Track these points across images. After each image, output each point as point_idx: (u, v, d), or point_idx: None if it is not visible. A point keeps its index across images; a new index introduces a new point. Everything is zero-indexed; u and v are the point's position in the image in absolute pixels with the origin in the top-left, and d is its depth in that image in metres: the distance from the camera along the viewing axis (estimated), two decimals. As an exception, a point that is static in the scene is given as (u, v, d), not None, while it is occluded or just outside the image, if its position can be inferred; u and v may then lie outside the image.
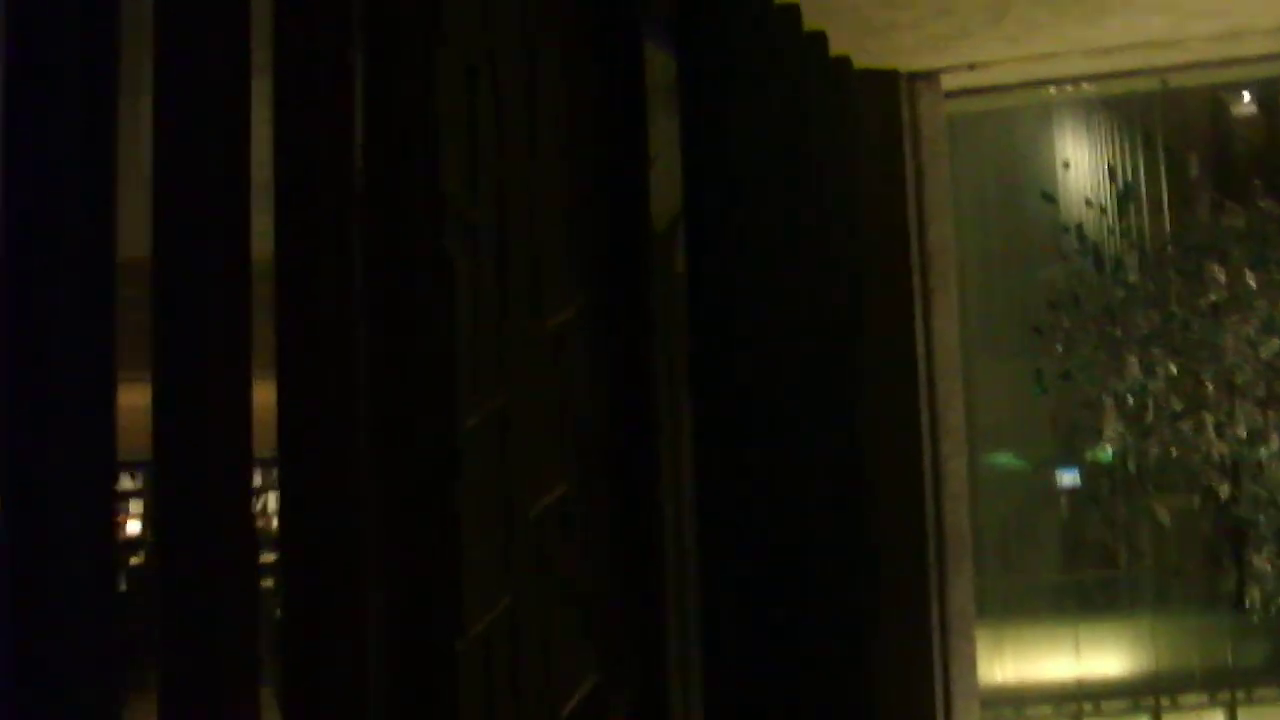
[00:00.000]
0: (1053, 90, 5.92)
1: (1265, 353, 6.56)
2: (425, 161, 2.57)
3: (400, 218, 2.57)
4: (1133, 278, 6.72)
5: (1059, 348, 6.57)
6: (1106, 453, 6.76)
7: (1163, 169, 6.96)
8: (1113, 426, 6.47)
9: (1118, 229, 6.93)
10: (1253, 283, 6.56)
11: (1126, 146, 7.15)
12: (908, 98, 5.11)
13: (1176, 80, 5.81)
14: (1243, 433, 6.50)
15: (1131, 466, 6.57)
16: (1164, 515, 6.75)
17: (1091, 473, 6.98)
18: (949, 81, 5.22)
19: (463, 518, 2.60)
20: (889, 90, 4.97)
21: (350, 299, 2.37)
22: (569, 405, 3.19)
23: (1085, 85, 5.91)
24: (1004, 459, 7.40)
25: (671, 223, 4.16)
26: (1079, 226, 6.88)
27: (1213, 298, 6.64)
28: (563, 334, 3.19)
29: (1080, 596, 7.33)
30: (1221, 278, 6.62)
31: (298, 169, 2.26)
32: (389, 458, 2.47)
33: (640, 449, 3.40)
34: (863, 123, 4.80)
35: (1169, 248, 6.81)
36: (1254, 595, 6.45)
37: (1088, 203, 7.05)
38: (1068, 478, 7.31)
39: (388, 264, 2.53)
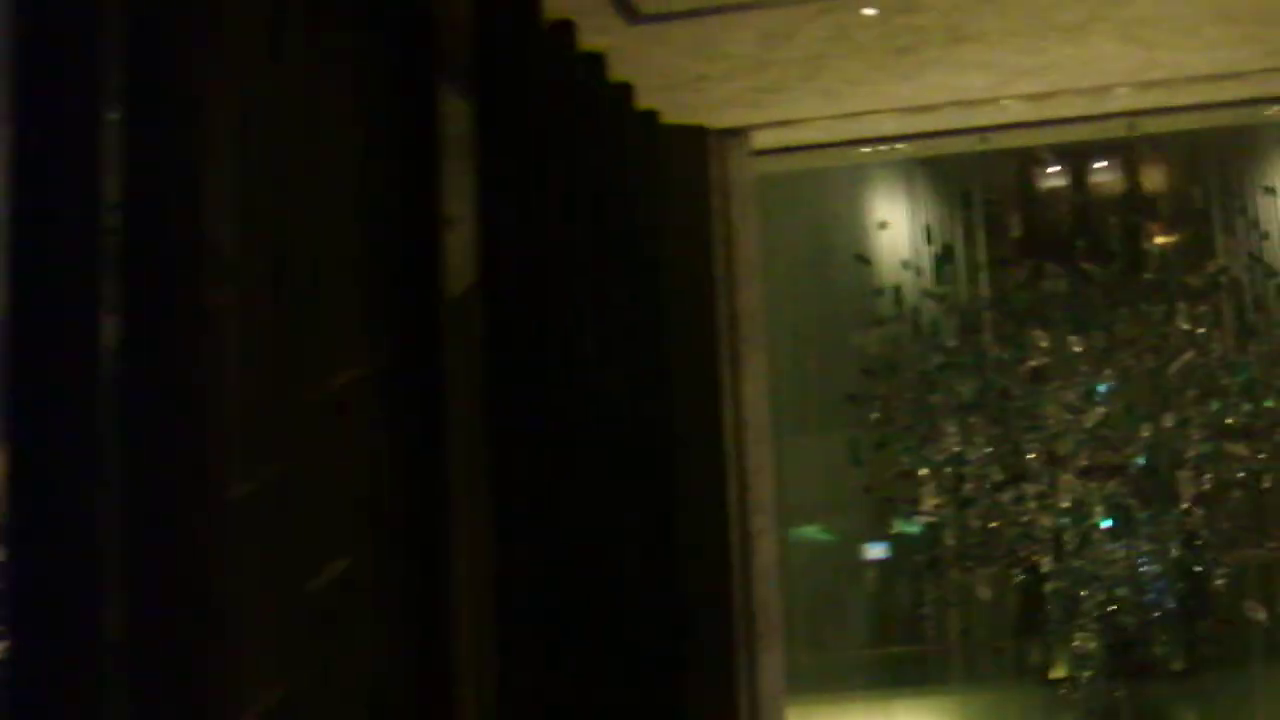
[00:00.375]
0: (868, 150, 6.25)
1: (1088, 421, 7.03)
2: (187, 210, 2.59)
3: (162, 271, 2.57)
4: (951, 343, 7.11)
5: (874, 416, 6.92)
6: (915, 526, 7.09)
7: (982, 231, 7.37)
8: (930, 498, 6.80)
9: (936, 292, 7.29)
10: (1075, 348, 7.07)
11: (945, 207, 7.56)
12: (717, 155, 5.33)
13: (996, 142, 6.21)
14: (1065, 504, 6.92)
15: (949, 539, 6.89)
16: (984, 591, 7.12)
17: (903, 546, 7.28)
18: (761, 139, 5.45)
19: (228, 599, 2.60)
20: (697, 147, 5.20)
21: (94, 360, 2.32)
22: (354, 472, 3.24)
23: (902, 146, 6.29)
24: (816, 532, 7.67)
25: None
26: (895, 289, 7.24)
27: (1033, 363, 7.07)
28: (348, 398, 3.24)
29: (892, 672, 7.63)
30: (1043, 343, 7.08)
31: (36, 227, 2.26)
32: (142, 536, 2.43)
33: (431, 518, 3.47)
34: (670, 180, 5.00)
35: (987, 312, 7.24)
36: (1070, 670, 6.81)
37: (904, 264, 7.42)
38: (880, 551, 7.61)
39: (147, 321, 2.52)
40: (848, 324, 7.31)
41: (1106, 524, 6.97)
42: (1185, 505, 6.87)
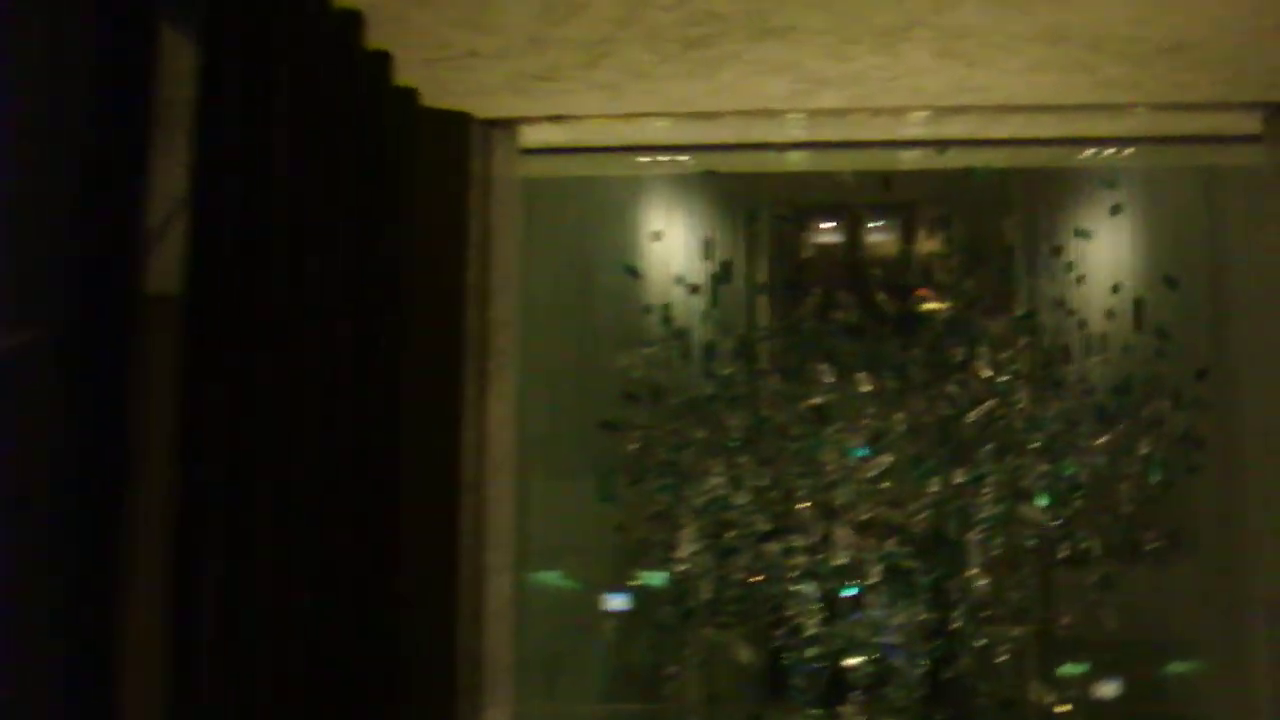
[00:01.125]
0: (647, 160, 6.70)
1: (870, 471, 7.34)
2: None
3: None
4: (724, 371, 7.46)
5: (632, 448, 7.25)
6: (658, 578, 7.43)
7: (767, 252, 7.75)
8: (687, 544, 7.20)
9: (712, 314, 7.66)
10: (865, 387, 7.42)
11: (728, 221, 7.95)
12: (481, 147, 5.71)
13: (794, 164, 6.66)
14: (839, 561, 7.29)
15: (704, 592, 7.26)
16: (745, 653, 7.51)
17: (650, 597, 7.61)
18: (530, 136, 5.85)
19: None
20: (459, 136, 5.57)
21: None
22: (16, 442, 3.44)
23: (685, 158, 6.73)
24: (558, 578, 8.01)
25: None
26: (665, 307, 7.57)
27: (815, 401, 7.43)
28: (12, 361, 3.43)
29: None
30: (827, 378, 7.44)
31: None
32: None
33: (99, 532, 3.67)
34: (424, 173, 5.31)
35: (768, 341, 7.67)
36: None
37: (677, 280, 7.75)
38: (623, 602, 7.98)
39: None
40: (614, 345, 7.60)
41: (853, 589, 7.34)
42: (972, 571, 7.31)
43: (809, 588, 7.32)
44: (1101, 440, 7.52)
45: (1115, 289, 7.67)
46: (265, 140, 4.46)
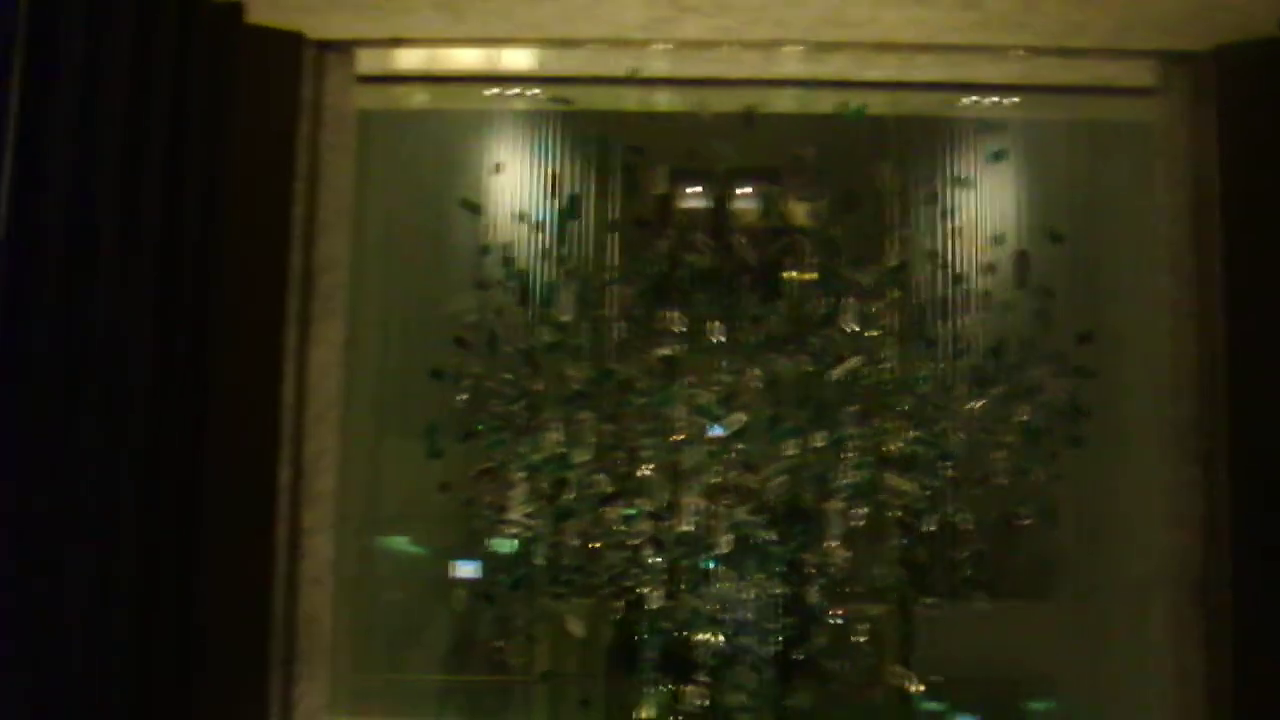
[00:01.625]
0: (494, 92, 6.88)
1: (725, 428, 7.33)
2: None
3: None
4: (565, 317, 7.48)
5: (462, 398, 7.30)
6: (510, 544, 7.45)
7: (620, 190, 7.73)
8: (520, 506, 7.25)
9: (554, 254, 7.70)
10: (717, 338, 7.46)
11: (583, 161, 7.78)
12: (312, 72, 5.87)
13: (656, 102, 6.92)
14: (686, 528, 7.27)
15: (540, 559, 7.36)
16: (576, 627, 7.59)
17: (493, 563, 7.65)
18: (369, 62, 6.02)
19: None
20: (288, 57, 5.71)
21: None
22: None
23: (537, 91, 6.92)
24: (406, 544, 8.08)
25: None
26: (505, 247, 7.57)
27: (664, 352, 7.47)
28: None
29: (469, 703, 8.05)
30: (678, 328, 7.46)
31: None
32: None
33: None
34: (248, 97, 5.50)
35: (615, 285, 7.62)
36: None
37: (520, 217, 7.74)
38: (472, 569, 7.89)
39: None
40: (451, 288, 7.61)
41: (711, 561, 7.42)
42: (832, 543, 7.38)
43: (653, 557, 7.40)
44: (975, 405, 7.68)
45: (997, 240, 7.82)
46: (53, 56, 4.64)
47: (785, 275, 7.74)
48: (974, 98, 7.29)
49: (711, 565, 7.45)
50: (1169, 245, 6.50)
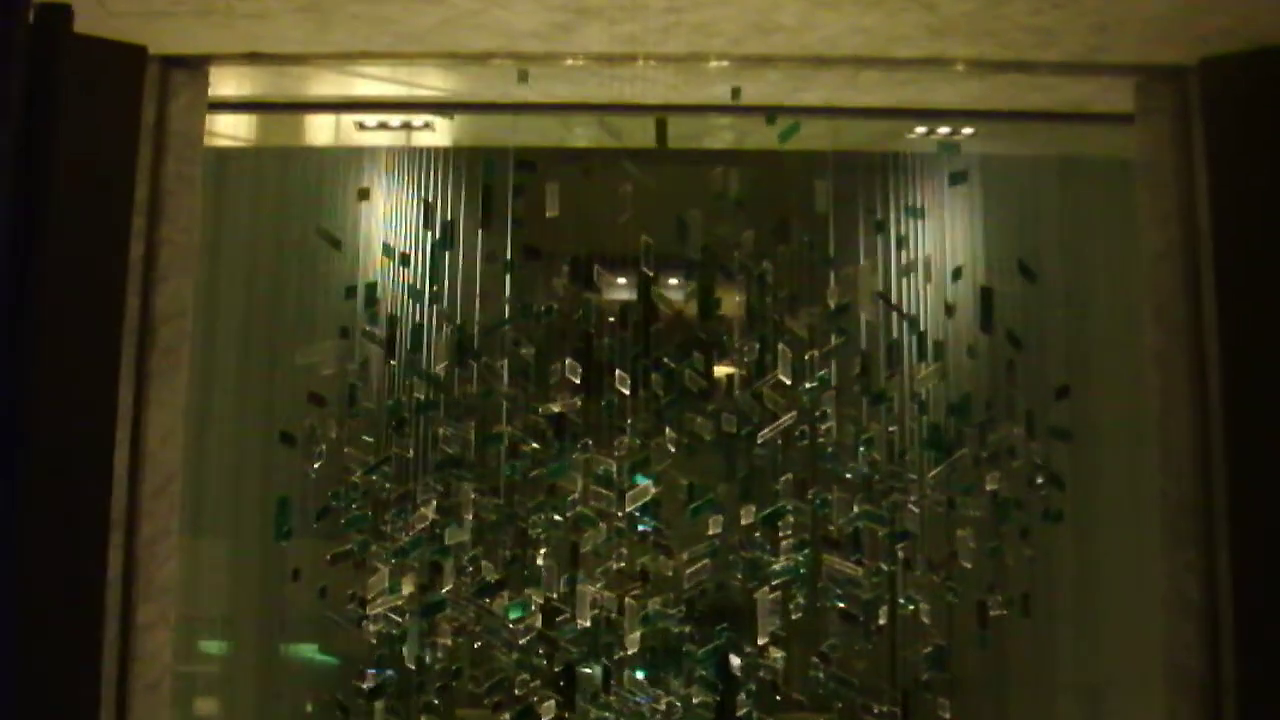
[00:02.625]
0: (363, 120, 7.27)
1: (631, 501, 7.63)
2: None
3: None
4: (439, 368, 7.77)
5: (317, 466, 7.68)
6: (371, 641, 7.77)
7: (510, 221, 7.86)
8: (386, 597, 7.49)
9: (426, 295, 8.01)
10: (621, 388, 7.70)
11: (464, 189, 8.15)
12: (157, 91, 6.22)
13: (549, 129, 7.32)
14: (584, 624, 7.49)
15: (409, 659, 7.61)
16: None
17: (350, 665, 8.06)
18: (222, 80, 6.38)
19: None
20: (129, 73, 6.05)
21: None
22: None
23: (410, 119, 7.32)
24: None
25: None
26: (370, 287, 7.91)
27: (556, 409, 7.79)
28: None
29: None
30: (575, 379, 7.74)
31: None
32: None
33: None
34: (83, 119, 5.76)
35: (495, 331, 7.89)
36: None
37: (385, 250, 8.12)
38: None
39: None
40: (306, 337, 8.00)
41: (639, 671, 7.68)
42: (763, 641, 7.65)
43: (545, 659, 7.66)
44: (934, 474, 7.98)
45: (956, 274, 8.23)
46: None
47: (705, 318, 8.00)
48: (923, 129, 7.69)
49: (615, 667, 7.62)
50: (1154, 289, 6.71)
